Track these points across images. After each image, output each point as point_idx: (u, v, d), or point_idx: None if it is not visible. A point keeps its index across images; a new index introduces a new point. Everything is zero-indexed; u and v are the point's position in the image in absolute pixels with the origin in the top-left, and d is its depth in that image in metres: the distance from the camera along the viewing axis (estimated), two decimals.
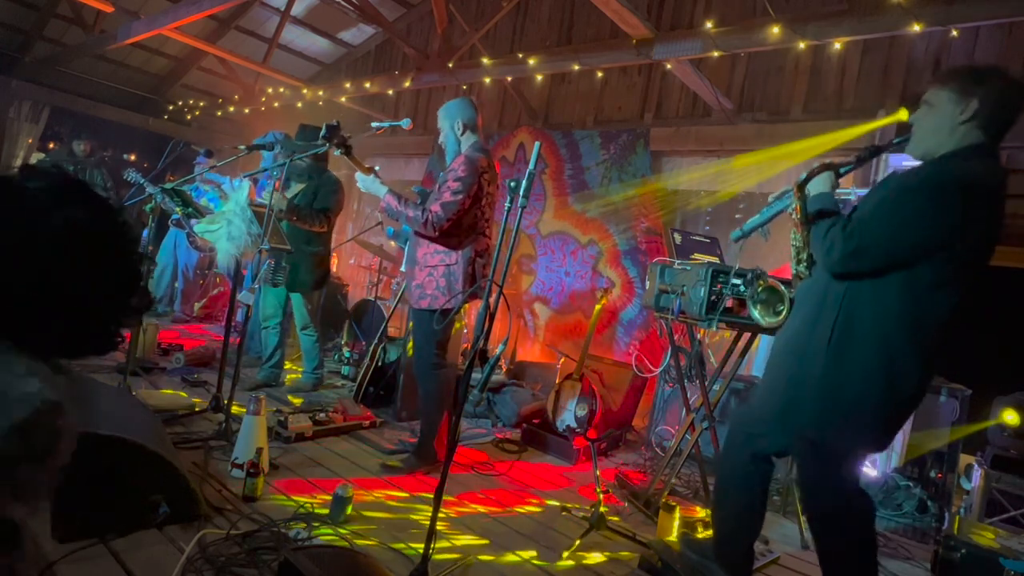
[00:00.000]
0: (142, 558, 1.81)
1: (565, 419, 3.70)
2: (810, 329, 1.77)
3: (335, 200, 3.87)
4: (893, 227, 1.63)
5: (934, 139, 1.70)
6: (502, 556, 2.26)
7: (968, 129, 1.65)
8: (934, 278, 1.62)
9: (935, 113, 1.71)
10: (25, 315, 0.71)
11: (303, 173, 3.90)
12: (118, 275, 0.78)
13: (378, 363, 3.96)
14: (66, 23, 6.94)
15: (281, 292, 3.97)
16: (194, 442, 2.77)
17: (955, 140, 1.67)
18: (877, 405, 1.68)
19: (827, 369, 1.71)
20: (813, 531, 1.87)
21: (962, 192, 1.57)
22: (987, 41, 3.91)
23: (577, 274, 5.54)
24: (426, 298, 2.85)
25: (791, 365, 1.82)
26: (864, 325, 1.68)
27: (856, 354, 1.68)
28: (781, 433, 1.87)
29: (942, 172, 1.64)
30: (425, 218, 2.72)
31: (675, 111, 5.32)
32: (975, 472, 3.26)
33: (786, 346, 1.88)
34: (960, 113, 1.65)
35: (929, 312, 1.64)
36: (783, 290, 2.26)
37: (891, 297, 1.65)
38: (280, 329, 4.02)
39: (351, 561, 1.74)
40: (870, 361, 1.66)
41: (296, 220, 3.70)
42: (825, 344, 1.71)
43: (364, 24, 7.48)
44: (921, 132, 1.75)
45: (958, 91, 1.66)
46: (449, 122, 2.90)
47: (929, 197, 1.61)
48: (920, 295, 1.63)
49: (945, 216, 1.58)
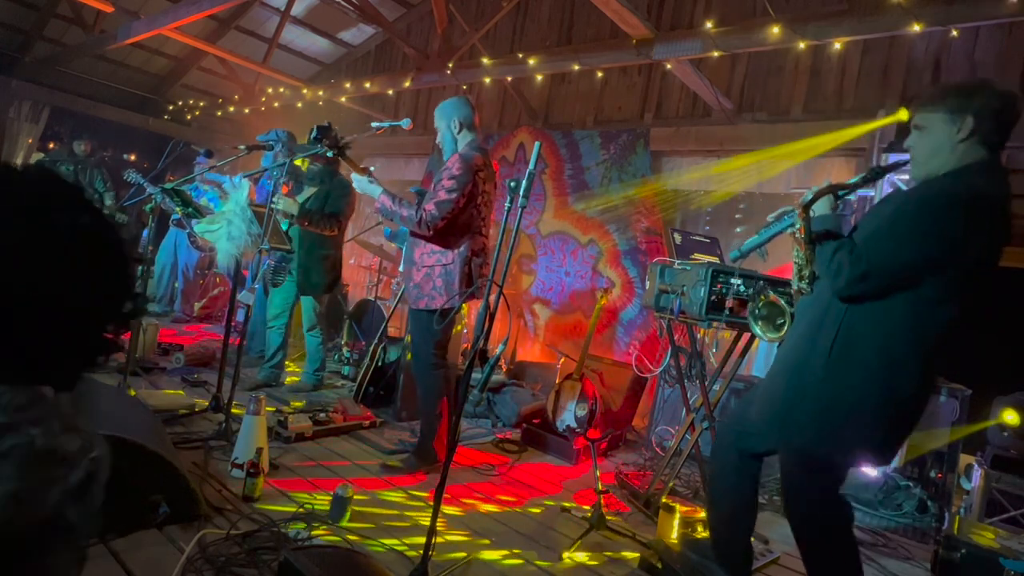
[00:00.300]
0: (142, 558, 1.81)
1: (565, 419, 3.70)
2: (810, 343, 1.78)
3: (346, 204, 3.88)
4: (899, 248, 1.62)
5: (935, 160, 1.70)
6: (502, 556, 2.26)
7: (968, 146, 1.65)
8: (937, 294, 1.63)
9: (930, 135, 1.70)
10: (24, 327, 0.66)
11: (315, 177, 3.93)
12: (115, 280, 0.75)
13: (378, 363, 3.96)
14: (66, 23, 6.94)
15: (289, 292, 3.99)
16: (194, 442, 2.77)
17: (957, 158, 1.66)
18: (876, 418, 1.68)
19: (825, 382, 1.71)
20: (795, 533, 1.89)
21: (965, 209, 1.57)
22: (987, 41, 3.91)
23: (577, 274, 5.54)
24: (423, 298, 2.84)
25: (790, 378, 1.82)
26: (865, 340, 1.68)
27: (856, 368, 1.68)
28: (771, 435, 1.89)
29: (945, 190, 1.63)
30: (419, 217, 2.71)
31: (675, 111, 5.32)
32: (975, 472, 3.26)
33: (785, 359, 1.89)
34: (957, 132, 1.64)
35: (931, 326, 1.64)
36: (784, 305, 2.27)
37: (893, 312, 1.65)
38: (285, 329, 4.04)
39: (351, 561, 1.75)
40: (870, 374, 1.66)
41: (307, 224, 3.73)
42: (824, 358, 1.72)
43: (364, 24, 7.48)
44: (920, 156, 1.74)
45: (950, 110, 1.66)
46: (446, 121, 2.90)
47: (932, 216, 1.61)
48: (923, 310, 1.63)
49: (949, 233, 1.58)
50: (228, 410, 2.87)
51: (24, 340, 0.66)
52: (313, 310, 4.07)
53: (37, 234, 0.67)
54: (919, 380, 1.67)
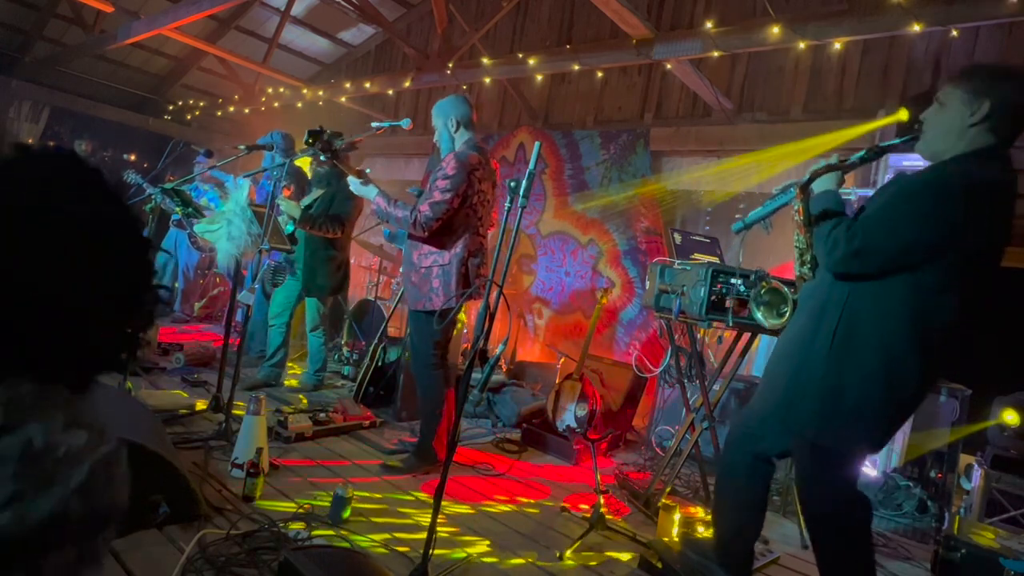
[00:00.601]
0: (142, 558, 1.81)
1: (565, 419, 3.70)
2: (812, 331, 1.76)
3: (351, 206, 3.89)
4: (896, 229, 1.61)
5: (944, 141, 1.68)
6: (502, 556, 2.25)
7: (978, 132, 1.62)
8: (938, 282, 1.61)
9: (946, 113, 1.68)
10: (40, 326, 0.61)
11: (322, 179, 3.94)
12: (130, 273, 0.68)
13: (378, 363, 3.96)
14: (66, 23, 6.95)
15: (291, 291, 3.99)
16: (194, 442, 2.77)
17: (965, 143, 1.64)
18: (877, 407, 1.67)
19: (828, 370, 1.70)
20: (810, 532, 1.87)
21: (966, 194, 1.56)
22: (987, 41, 3.91)
23: (577, 274, 5.54)
24: (422, 299, 2.84)
25: (792, 366, 1.81)
26: (866, 328, 1.67)
27: (857, 356, 1.67)
28: (782, 433, 1.87)
29: (947, 175, 1.62)
30: (414, 218, 2.70)
31: (675, 111, 5.32)
32: (975, 472, 3.26)
33: (788, 347, 1.87)
34: (971, 115, 1.62)
35: (932, 316, 1.63)
36: (786, 292, 2.26)
37: (894, 300, 1.64)
38: (286, 328, 4.04)
39: (351, 561, 1.75)
40: (871, 363, 1.65)
41: (309, 229, 3.74)
42: (827, 346, 1.71)
43: (364, 24, 7.48)
44: (931, 132, 1.72)
45: (971, 92, 1.62)
46: (443, 119, 2.88)
47: (933, 199, 1.59)
48: (923, 298, 1.62)
49: (948, 218, 1.56)
50: (228, 410, 2.87)
51: (27, 337, 0.61)
52: (317, 311, 4.08)
53: (39, 223, 0.61)
54: (919, 371, 1.66)
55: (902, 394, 1.68)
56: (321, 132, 2.75)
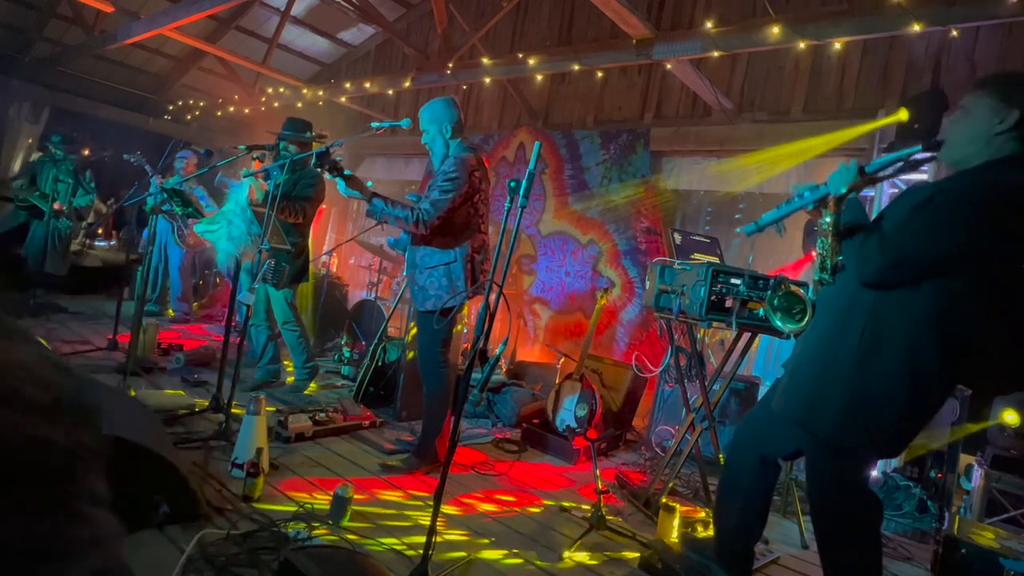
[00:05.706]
0: (142, 558, 1.81)
1: (565, 419, 3.70)
2: (838, 335, 1.76)
3: (314, 192, 3.79)
4: (932, 239, 1.61)
5: (970, 148, 1.67)
6: (502, 556, 2.26)
7: (1005, 140, 1.62)
8: (967, 287, 1.61)
9: (971, 120, 1.67)
10: None
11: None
12: None
13: (378, 363, 3.95)
14: (66, 23, 6.95)
15: (259, 288, 3.85)
16: (194, 442, 2.77)
17: (991, 150, 1.64)
18: (900, 409, 1.67)
19: (854, 374, 1.70)
20: (821, 532, 1.86)
21: (1001, 202, 1.56)
22: (987, 41, 3.91)
23: (577, 274, 5.54)
24: (430, 299, 2.85)
25: (816, 368, 1.80)
26: (893, 331, 1.67)
27: (883, 360, 1.67)
28: (795, 434, 1.87)
29: (980, 183, 1.61)
30: (416, 216, 2.72)
31: (675, 111, 5.32)
32: (975, 472, 3.26)
33: (811, 351, 1.86)
34: (998, 123, 1.61)
35: (959, 321, 1.63)
36: (804, 295, 2.25)
37: (922, 305, 1.64)
38: (265, 326, 3.95)
39: (351, 561, 1.75)
40: (896, 365, 1.65)
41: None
42: (854, 347, 1.70)
43: (364, 24, 7.48)
44: (956, 139, 1.71)
45: (999, 99, 1.62)
46: (437, 125, 2.90)
47: (967, 208, 1.59)
48: (951, 304, 1.62)
49: (982, 227, 1.57)
50: (228, 410, 2.87)
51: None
52: (286, 302, 3.89)
53: None
54: (942, 374, 1.65)
55: (925, 397, 1.68)
56: (327, 153, 2.74)
